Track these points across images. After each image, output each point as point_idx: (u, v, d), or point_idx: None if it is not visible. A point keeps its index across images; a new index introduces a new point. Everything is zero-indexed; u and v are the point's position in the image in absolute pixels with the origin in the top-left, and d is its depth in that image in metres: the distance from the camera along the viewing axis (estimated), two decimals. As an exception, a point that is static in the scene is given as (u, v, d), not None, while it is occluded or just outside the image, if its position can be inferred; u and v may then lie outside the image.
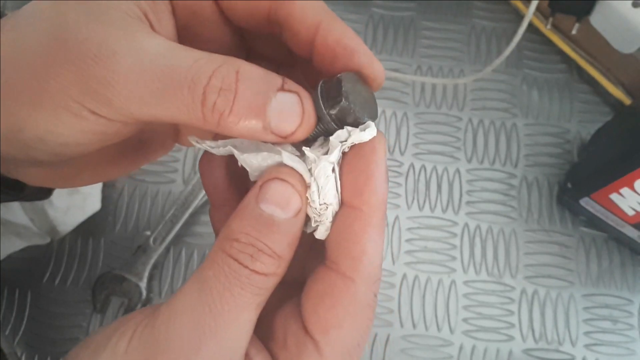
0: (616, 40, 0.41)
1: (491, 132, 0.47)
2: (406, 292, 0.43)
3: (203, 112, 0.16)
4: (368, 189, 0.17)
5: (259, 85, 0.16)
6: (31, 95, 0.16)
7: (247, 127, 0.16)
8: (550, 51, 0.50)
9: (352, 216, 0.17)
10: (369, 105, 0.18)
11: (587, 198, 0.41)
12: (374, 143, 0.17)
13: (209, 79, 0.16)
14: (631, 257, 0.44)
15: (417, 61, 0.50)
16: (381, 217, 0.17)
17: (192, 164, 0.46)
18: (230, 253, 0.17)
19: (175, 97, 0.16)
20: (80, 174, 0.22)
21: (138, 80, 0.16)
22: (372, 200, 0.17)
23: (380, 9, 0.52)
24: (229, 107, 0.16)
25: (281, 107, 0.16)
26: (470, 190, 0.46)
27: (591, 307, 0.43)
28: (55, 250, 0.43)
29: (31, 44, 0.16)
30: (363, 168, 0.17)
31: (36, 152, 0.18)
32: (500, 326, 0.42)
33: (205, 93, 0.16)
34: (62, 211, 0.40)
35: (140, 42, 0.16)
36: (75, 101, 0.16)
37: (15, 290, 0.42)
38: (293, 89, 0.17)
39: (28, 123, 0.17)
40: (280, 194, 0.17)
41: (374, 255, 0.17)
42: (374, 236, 0.17)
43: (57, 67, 0.16)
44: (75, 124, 0.17)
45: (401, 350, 0.41)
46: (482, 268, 0.43)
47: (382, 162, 0.17)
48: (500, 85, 0.49)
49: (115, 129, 0.17)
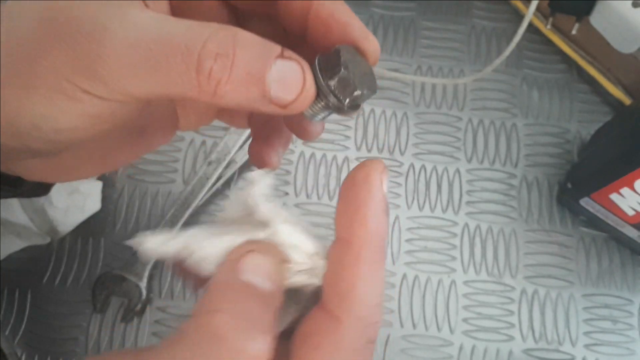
0: (616, 40, 0.41)
1: (491, 132, 0.47)
2: (406, 292, 0.43)
3: (198, 80, 0.15)
4: (357, 219, 0.15)
5: (258, 51, 0.15)
6: (23, 79, 0.16)
7: (245, 95, 0.15)
8: (550, 51, 0.50)
9: (342, 250, 0.16)
10: (368, 78, 0.18)
11: (587, 198, 0.41)
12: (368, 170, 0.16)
13: (203, 43, 0.15)
14: (631, 257, 0.44)
15: (417, 61, 0.50)
16: (375, 252, 0.16)
17: (191, 164, 0.46)
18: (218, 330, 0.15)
19: (168, 66, 0.15)
20: (80, 165, 0.21)
21: (129, 53, 0.15)
22: (361, 231, 0.15)
23: (380, 9, 0.52)
24: (227, 74, 0.15)
25: (281, 75, 0.15)
26: (470, 190, 0.46)
27: (591, 307, 0.43)
28: (55, 250, 0.43)
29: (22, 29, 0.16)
30: (353, 197, 0.16)
31: (32, 140, 0.17)
32: (500, 326, 0.42)
33: (200, 59, 0.15)
34: (62, 211, 0.40)
35: (131, 17, 0.15)
36: (68, 81, 0.16)
37: (15, 290, 0.42)
38: (293, 57, 0.16)
39: (22, 109, 0.16)
40: (260, 266, 0.16)
41: (366, 294, 0.15)
42: (365, 272, 0.15)
43: (48, 47, 0.15)
44: (69, 107, 0.16)
45: (401, 350, 0.41)
46: (482, 268, 0.43)
47: (377, 191, 0.16)
48: (500, 85, 0.49)
49: (111, 110, 0.17)
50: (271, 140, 0.22)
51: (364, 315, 0.15)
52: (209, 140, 0.47)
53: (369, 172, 0.16)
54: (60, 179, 0.22)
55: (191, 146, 0.46)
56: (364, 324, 0.15)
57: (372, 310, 0.15)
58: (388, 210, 0.16)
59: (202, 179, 0.43)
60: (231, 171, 0.45)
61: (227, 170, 0.44)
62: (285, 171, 0.46)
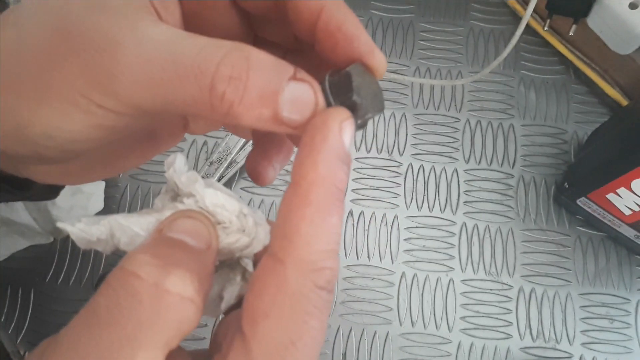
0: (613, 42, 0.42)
1: (489, 133, 0.48)
2: (405, 291, 0.43)
3: (211, 101, 0.15)
4: (308, 162, 0.15)
5: (271, 74, 0.15)
6: (36, 90, 0.16)
7: (257, 117, 0.15)
8: (547, 52, 0.50)
9: (290, 193, 0.15)
10: (377, 99, 0.18)
11: (584, 198, 0.42)
12: (326, 116, 0.16)
13: (217, 66, 0.15)
14: (628, 256, 0.44)
15: (415, 62, 0.50)
16: (325, 196, 0.15)
17: (193, 164, 0.46)
18: (132, 269, 0.14)
19: (181, 86, 0.15)
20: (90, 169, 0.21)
21: (142, 70, 0.15)
22: (310, 175, 0.15)
23: (379, 10, 0.52)
24: (239, 97, 0.15)
25: (293, 97, 0.15)
26: (468, 190, 0.46)
27: (588, 306, 0.43)
28: (58, 250, 0.44)
29: (34, 38, 0.16)
30: (307, 142, 0.15)
31: (44, 148, 0.17)
32: (498, 324, 0.42)
33: (214, 82, 0.15)
34: (65, 211, 0.41)
35: (144, 32, 0.15)
36: (82, 95, 0.16)
37: (18, 289, 0.43)
38: (305, 78, 0.16)
39: (34, 119, 0.16)
40: (189, 225, 0.16)
41: (313, 237, 0.15)
42: (311, 215, 0.15)
43: (61, 60, 0.16)
44: (83, 120, 0.16)
45: (400, 348, 0.42)
46: (480, 267, 0.44)
47: (333, 137, 0.15)
48: (497, 87, 0.49)
49: (125, 122, 0.17)
50: (270, 154, 0.22)
51: (310, 259, 0.15)
52: (210, 141, 0.47)
53: (327, 119, 0.16)
54: (70, 182, 0.22)
55: (193, 146, 0.47)
56: (310, 268, 0.15)
57: (319, 255, 0.15)
58: (347, 159, 0.16)
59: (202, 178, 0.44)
60: (232, 171, 0.45)
61: (228, 170, 0.45)
62: (285, 171, 0.46)
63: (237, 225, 0.18)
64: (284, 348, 0.14)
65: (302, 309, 0.15)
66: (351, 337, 0.42)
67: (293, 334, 0.15)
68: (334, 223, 0.15)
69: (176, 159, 0.18)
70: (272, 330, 0.14)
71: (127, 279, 0.14)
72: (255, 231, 0.18)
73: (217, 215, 0.17)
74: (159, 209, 0.18)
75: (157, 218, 0.17)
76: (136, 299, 0.14)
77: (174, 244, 0.16)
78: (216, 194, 0.18)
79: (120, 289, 0.14)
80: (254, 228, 0.18)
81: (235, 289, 0.19)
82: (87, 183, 0.39)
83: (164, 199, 0.19)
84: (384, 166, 0.47)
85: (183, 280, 0.14)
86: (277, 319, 0.15)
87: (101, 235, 0.17)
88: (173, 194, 0.19)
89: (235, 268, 0.19)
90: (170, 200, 0.18)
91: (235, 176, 0.46)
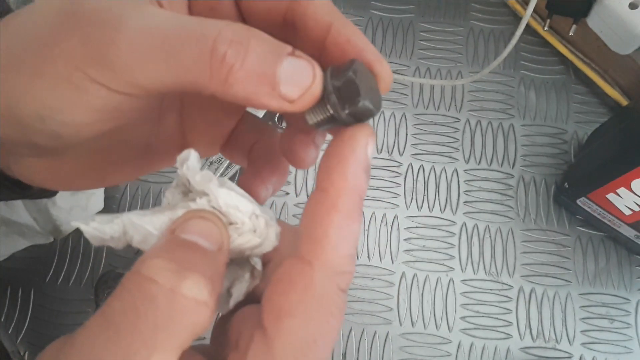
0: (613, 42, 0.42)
1: (489, 133, 0.48)
2: (405, 291, 0.43)
3: (211, 64, 0.15)
4: (337, 171, 0.16)
5: (271, 46, 0.16)
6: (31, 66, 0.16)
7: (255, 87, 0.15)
8: (547, 53, 0.50)
9: (319, 199, 0.16)
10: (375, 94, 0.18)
11: (584, 198, 0.42)
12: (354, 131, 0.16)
13: (219, 30, 0.15)
14: (628, 256, 0.44)
15: (415, 63, 0.50)
16: (351, 205, 0.16)
17: (193, 164, 0.46)
18: (149, 274, 0.14)
19: (182, 51, 0.15)
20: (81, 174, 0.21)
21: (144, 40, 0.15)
22: (340, 183, 0.16)
23: (379, 10, 0.52)
24: (240, 60, 0.15)
25: (292, 70, 0.16)
26: (468, 190, 0.46)
27: (588, 306, 0.43)
28: (58, 250, 0.44)
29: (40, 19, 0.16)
30: (336, 152, 0.16)
31: (35, 133, 0.17)
32: (498, 324, 0.42)
33: (216, 43, 0.15)
34: (65, 211, 0.41)
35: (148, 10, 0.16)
36: (77, 68, 0.16)
37: (19, 289, 0.43)
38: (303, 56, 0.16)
39: (25, 97, 0.16)
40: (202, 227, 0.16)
41: (339, 242, 0.16)
42: (339, 221, 0.16)
43: (63, 34, 0.16)
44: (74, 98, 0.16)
45: (400, 348, 0.42)
46: (480, 267, 0.44)
47: (360, 150, 0.16)
48: (497, 87, 0.49)
49: (115, 104, 0.17)
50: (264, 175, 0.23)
51: (335, 263, 0.16)
52: (210, 141, 0.47)
53: (355, 133, 0.16)
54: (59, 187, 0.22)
55: (192, 147, 0.47)
56: (335, 271, 0.16)
57: (343, 259, 0.16)
58: (369, 171, 0.17)
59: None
60: (232, 171, 0.45)
61: (228, 170, 0.45)
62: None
63: (249, 226, 0.18)
64: (307, 346, 0.15)
65: (327, 310, 0.15)
66: (351, 337, 0.42)
67: (316, 333, 0.15)
68: (356, 229, 0.16)
69: (190, 155, 0.18)
70: (297, 328, 0.15)
71: (143, 284, 0.15)
72: (266, 232, 0.18)
73: (230, 215, 0.18)
74: (172, 208, 0.18)
75: (169, 217, 0.17)
76: (153, 303, 0.14)
77: (187, 246, 0.16)
78: (230, 194, 0.18)
79: (138, 293, 0.14)
80: (265, 229, 0.18)
81: (244, 286, 0.19)
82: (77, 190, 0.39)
83: (175, 193, 0.19)
84: (384, 166, 0.47)
85: (198, 284, 0.15)
86: (302, 318, 0.15)
87: (114, 234, 0.17)
88: (184, 188, 0.19)
89: (245, 266, 0.19)
90: (181, 195, 0.19)
91: (236, 176, 0.46)
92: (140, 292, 0.14)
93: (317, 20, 0.18)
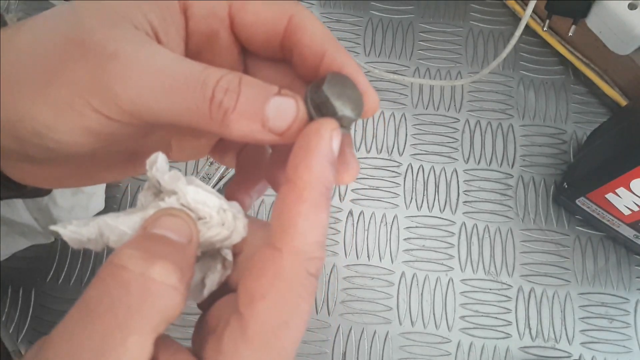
0: (612, 42, 0.42)
1: (488, 133, 0.48)
2: (404, 290, 0.43)
3: (210, 108, 0.17)
4: (303, 164, 0.17)
5: (259, 89, 0.18)
6: (38, 86, 0.17)
7: (247, 125, 0.17)
8: (546, 53, 0.50)
9: (287, 191, 0.17)
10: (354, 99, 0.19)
11: (584, 198, 0.42)
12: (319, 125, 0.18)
13: (216, 81, 0.17)
14: (627, 256, 0.44)
15: (415, 63, 0.50)
16: (317, 195, 0.17)
17: (194, 164, 0.46)
18: (120, 262, 0.16)
19: (187, 93, 0.17)
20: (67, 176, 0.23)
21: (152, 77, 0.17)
22: (305, 175, 0.17)
23: (379, 11, 0.52)
24: (233, 105, 0.17)
25: (278, 106, 0.18)
26: (468, 190, 0.46)
27: (587, 306, 0.43)
28: (58, 249, 0.44)
29: (47, 42, 0.18)
30: (302, 146, 0.18)
31: (31, 146, 0.18)
32: (497, 324, 0.42)
33: (215, 92, 0.17)
34: (66, 211, 0.41)
35: (155, 48, 0.18)
36: (81, 97, 0.17)
37: (19, 288, 0.43)
38: (288, 94, 0.18)
39: (28, 114, 0.17)
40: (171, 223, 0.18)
41: (307, 230, 0.17)
42: (306, 211, 0.17)
43: (71, 63, 0.17)
44: (73, 121, 0.17)
45: (399, 347, 0.42)
46: (480, 266, 0.44)
47: (324, 143, 0.17)
48: (497, 87, 0.49)
49: (111, 130, 0.18)
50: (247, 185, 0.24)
51: (304, 249, 0.17)
52: (210, 141, 0.47)
53: (319, 127, 0.18)
54: (49, 186, 0.24)
55: (193, 147, 0.47)
56: (304, 257, 0.17)
57: (311, 246, 0.17)
58: (335, 163, 0.18)
59: (204, 179, 0.44)
60: (232, 171, 0.45)
61: (228, 170, 0.45)
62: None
63: (217, 219, 0.19)
64: (278, 327, 0.16)
65: (296, 293, 0.16)
66: (351, 337, 0.42)
67: (287, 315, 0.16)
68: (323, 218, 0.17)
69: (158, 158, 0.19)
70: (268, 310, 0.16)
71: (116, 271, 0.16)
72: (234, 225, 0.19)
73: (198, 211, 0.19)
74: (143, 208, 0.19)
75: (141, 217, 0.18)
76: (126, 288, 0.15)
77: (157, 239, 0.17)
78: (197, 191, 0.19)
79: (111, 281, 0.15)
80: (233, 222, 0.19)
81: (216, 276, 0.20)
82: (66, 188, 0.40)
83: (147, 195, 0.20)
84: (384, 166, 0.47)
85: (167, 270, 0.16)
86: (273, 301, 0.16)
87: (91, 236, 0.18)
88: (155, 190, 0.20)
89: (216, 257, 0.20)
90: (152, 196, 0.20)
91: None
92: (113, 279, 0.15)
93: (312, 47, 0.20)
